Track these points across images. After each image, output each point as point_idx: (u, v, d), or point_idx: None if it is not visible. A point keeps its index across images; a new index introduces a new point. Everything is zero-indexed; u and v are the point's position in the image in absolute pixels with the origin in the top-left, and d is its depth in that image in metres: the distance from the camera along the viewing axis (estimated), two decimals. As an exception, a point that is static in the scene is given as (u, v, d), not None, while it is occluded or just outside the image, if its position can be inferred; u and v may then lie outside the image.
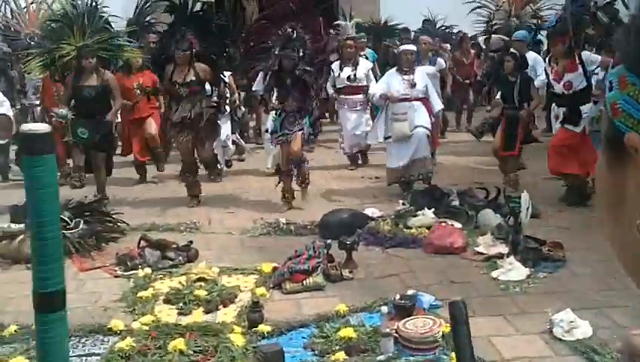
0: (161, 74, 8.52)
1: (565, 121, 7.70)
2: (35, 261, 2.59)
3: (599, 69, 8.34)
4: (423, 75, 8.81)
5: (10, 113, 7.90)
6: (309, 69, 7.94)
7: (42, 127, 2.67)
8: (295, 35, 7.91)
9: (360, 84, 10.19)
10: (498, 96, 8.76)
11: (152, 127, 9.86)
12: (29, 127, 2.67)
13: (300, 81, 7.94)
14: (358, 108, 10.32)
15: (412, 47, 8.96)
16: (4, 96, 8.07)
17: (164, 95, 8.89)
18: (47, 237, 2.52)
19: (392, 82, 8.61)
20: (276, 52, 7.89)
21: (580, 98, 7.57)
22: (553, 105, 8.11)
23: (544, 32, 10.35)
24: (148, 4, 8.76)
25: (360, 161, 10.78)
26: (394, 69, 8.83)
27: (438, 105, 8.99)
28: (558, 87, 7.75)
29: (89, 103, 8.28)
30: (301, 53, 7.91)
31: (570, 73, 7.60)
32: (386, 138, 8.67)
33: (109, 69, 8.69)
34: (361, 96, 10.25)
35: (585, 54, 7.72)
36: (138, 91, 9.40)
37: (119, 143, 10.16)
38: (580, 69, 7.52)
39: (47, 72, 8.96)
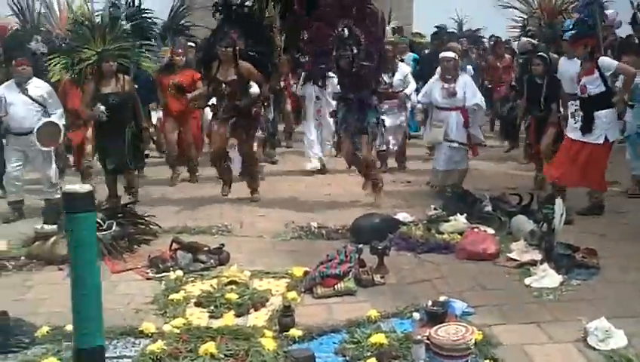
0: (206, 72, 8.62)
1: (581, 128, 7.54)
2: (74, 316, 2.62)
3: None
4: (464, 83, 8.65)
5: (61, 122, 8.03)
6: (366, 63, 7.99)
7: (84, 188, 2.76)
8: (348, 33, 7.92)
9: (396, 90, 10.16)
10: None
11: (189, 135, 10.05)
12: (72, 187, 2.73)
13: (357, 78, 8.03)
14: (395, 111, 10.27)
15: (450, 54, 8.74)
16: (59, 105, 8.21)
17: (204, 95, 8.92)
18: (86, 293, 2.56)
19: (434, 90, 8.59)
20: (332, 53, 7.97)
21: (595, 103, 7.44)
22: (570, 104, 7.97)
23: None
24: (183, 8, 8.81)
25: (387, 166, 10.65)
26: (437, 76, 8.76)
27: (476, 99, 8.68)
28: (577, 90, 7.68)
29: (115, 111, 8.17)
30: (355, 50, 7.93)
31: (586, 77, 7.50)
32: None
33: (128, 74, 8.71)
34: (396, 101, 10.22)
35: (602, 59, 7.59)
36: (171, 89, 9.55)
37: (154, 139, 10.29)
38: (597, 73, 7.41)
39: (67, 75, 8.98)
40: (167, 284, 5.72)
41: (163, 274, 5.96)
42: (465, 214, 7.05)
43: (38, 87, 8.23)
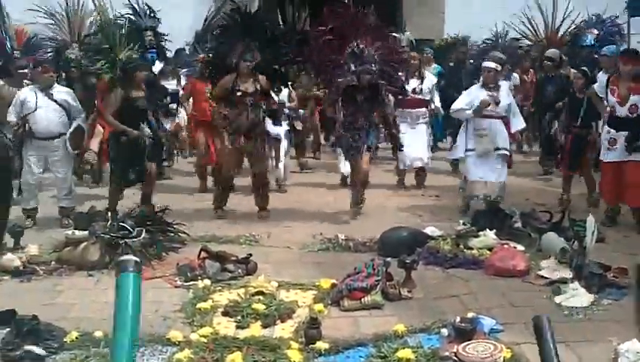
0: (214, 80, 8.65)
1: (633, 149, 7.50)
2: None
3: None
4: (507, 92, 8.66)
5: (85, 124, 8.11)
6: (383, 82, 8.11)
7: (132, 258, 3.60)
8: (367, 51, 7.99)
9: (425, 98, 10.13)
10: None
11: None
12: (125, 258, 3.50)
13: (371, 96, 8.08)
14: (420, 121, 10.22)
15: (492, 65, 8.61)
16: (81, 109, 8.31)
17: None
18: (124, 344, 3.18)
19: (479, 96, 8.47)
20: (353, 68, 7.97)
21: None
22: (606, 128, 7.89)
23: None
24: (216, 18, 8.88)
25: (407, 183, 10.54)
26: (479, 84, 8.68)
27: (520, 123, 8.78)
28: (622, 111, 7.57)
29: (141, 114, 8.25)
30: (374, 68, 8.02)
31: (636, 95, 7.42)
32: (467, 150, 8.53)
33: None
34: (424, 110, 10.19)
35: None
36: (209, 95, 9.63)
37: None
38: None
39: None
40: (195, 293, 5.74)
41: (191, 282, 5.99)
42: (494, 230, 7.01)
43: (61, 91, 8.33)
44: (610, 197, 7.99)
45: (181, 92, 10.89)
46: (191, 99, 10.47)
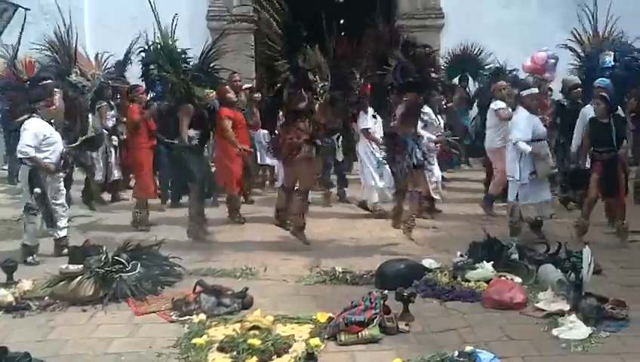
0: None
1: None
2: None
3: None
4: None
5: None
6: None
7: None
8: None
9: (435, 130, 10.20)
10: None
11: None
12: None
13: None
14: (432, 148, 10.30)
15: (536, 91, 8.96)
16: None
17: None
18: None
19: (537, 125, 8.56)
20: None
21: None
22: None
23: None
24: (213, 51, 8.91)
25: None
26: (527, 113, 8.58)
27: None
28: None
29: None
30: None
31: None
32: (531, 173, 8.48)
33: None
34: (434, 137, 10.24)
35: None
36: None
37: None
38: None
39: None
40: (190, 328, 5.69)
41: (186, 317, 5.93)
42: (491, 262, 6.98)
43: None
44: None
45: None
46: None
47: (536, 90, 8.87)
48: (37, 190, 7.85)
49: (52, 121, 8.19)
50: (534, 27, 16.20)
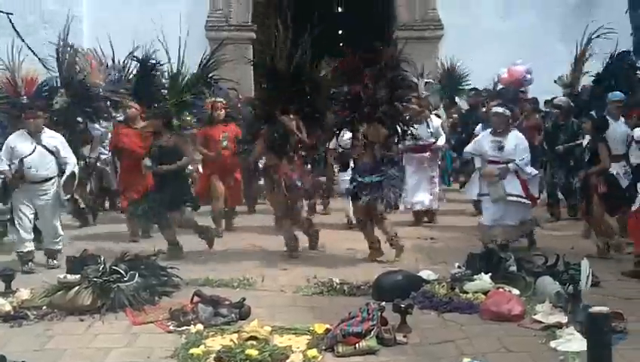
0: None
1: None
2: None
3: None
4: (515, 139, 8.61)
5: (76, 170, 8.16)
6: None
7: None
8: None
9: (425, 143, 10.19)
10: None
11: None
12: None
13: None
14: (424, 164, 10.33)
15: (501, 110, 8.77)
16: (72, 154, 8.34)
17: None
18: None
19: (483, 143, 8.66)
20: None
21: None
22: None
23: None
24: (212, 61, 8.94)
25: (425, 219, 10.78)
26: (489, 130, 8.79)
27: (525, 170, 8.57)
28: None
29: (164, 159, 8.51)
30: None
31: None
32: (480, 194, 8.68)
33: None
34: (426, 155, 10.29)
35: None
36: (224, 143, 9.84)
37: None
38: None
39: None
40: (187, 338, 5.67)
41: (184, 327, 5.92)
42: (489, 273, 6.98)
43: (51, 137, 8.37)
44: None
45: None
46: None
47: (499, 109, 8.80)
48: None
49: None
50: (534, 38, 16.26)
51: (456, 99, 14.99)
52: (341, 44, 9.11)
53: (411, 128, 8.70)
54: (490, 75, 13.69)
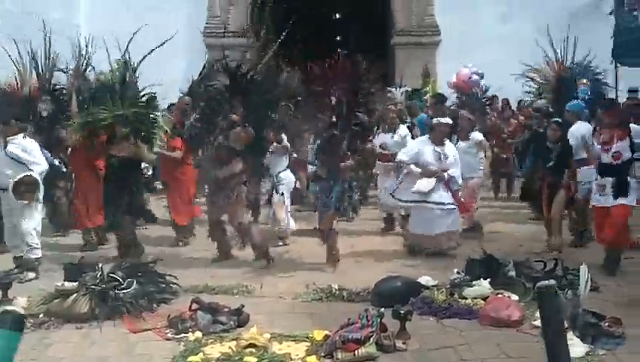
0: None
1: (617, 193, 7.67)
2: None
3: None
4: (452, 149, 9.09)
5: (40, 177, 8.12)
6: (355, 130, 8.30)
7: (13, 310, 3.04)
8: (344, 101, 8.15)
9: (391, 152, 10.23)
10: None
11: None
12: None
13: (342, 146, 8.23)
14: (392, 172, 10.38)
15: (448, 121, 9.15)
16: (42, 161, 8.31)
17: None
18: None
19: (424, 151, 8.78)
20: (329, 118, 8.14)
21: (626, 169, 7.55)
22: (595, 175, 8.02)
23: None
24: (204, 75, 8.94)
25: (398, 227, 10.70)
26: (426, 137, 9.01)
27: (458, 181, 9.09)
28: (607, 157, 7.70)
29: (119, 173, 8.49)
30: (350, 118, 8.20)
31: (621, 142, 7.53)
32: (406, 201, 8.95)
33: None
34: (392, 164, 10.32)
35: (633, 126, 7.89)
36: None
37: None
38: (628, 140, 7.48)
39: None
40: (186, 345, 5.66)
41: (182, 334, 5.91)
42: (488, 279, 6.97)
43: (18, 144, 8.28)
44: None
45: None
46: None
47: (447, 120, 9.10)
48: None
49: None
50: (532, 44, 16.20)
51: None
52: (339, 50, 9.08)
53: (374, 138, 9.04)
54: (487, 81, 13.70)
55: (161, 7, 17.83)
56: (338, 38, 26.01)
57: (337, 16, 25.10)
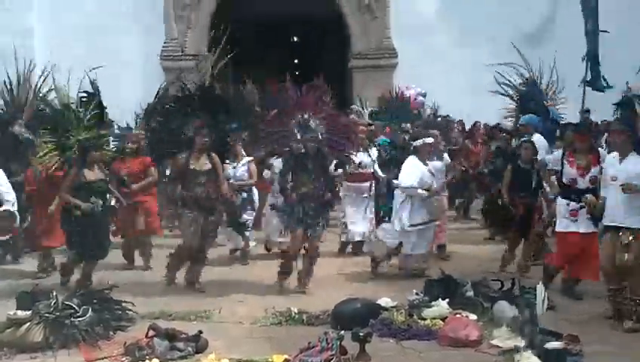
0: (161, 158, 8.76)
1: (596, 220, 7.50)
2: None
3: None
4: (434, 166, 9.31)
5: (14, 208, 7.85)
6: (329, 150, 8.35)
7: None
8: (312, 121, 8.17)
9: (367, 171, 10.24)
10: None
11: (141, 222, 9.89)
12: None
13: (320, 165, 8.25)
14: (364, 195, 10.37)
15: (431, 140, 9.20)
16: (10, 190, 8.03)
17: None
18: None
19: (424, 173, 8.89)
20: (299, 137, 8.13)
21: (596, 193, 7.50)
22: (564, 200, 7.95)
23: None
24: (163, 94, 8.90)
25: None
26: (416, 159, 8.93)
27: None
28: (583, 182, 7.61)
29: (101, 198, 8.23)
30: (321, 137, 8.21)
31: (595, 167, 7.56)
32: (412, 225, 8.82)
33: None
34: (367, 184, 10.32)
35: (602, 151, 8.12)
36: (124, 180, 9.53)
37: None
38: (599, 165, 7.52)
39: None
40: (143, 373, 5.57)
41: (139, 362, 5.82)
42: (447, 299, 7.00)
43: None
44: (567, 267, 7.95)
45: None
46: None
47: (429, 140, 9.16)
48: None
49: None
50: (487, 67, 16.42)
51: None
52: (297, 73, 9.13)
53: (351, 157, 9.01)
54: (444, 102, 13.89)
55: (117, 30, 17.69)
56: (296, 61, 26.21)
57: (295, 39, 25.32)
